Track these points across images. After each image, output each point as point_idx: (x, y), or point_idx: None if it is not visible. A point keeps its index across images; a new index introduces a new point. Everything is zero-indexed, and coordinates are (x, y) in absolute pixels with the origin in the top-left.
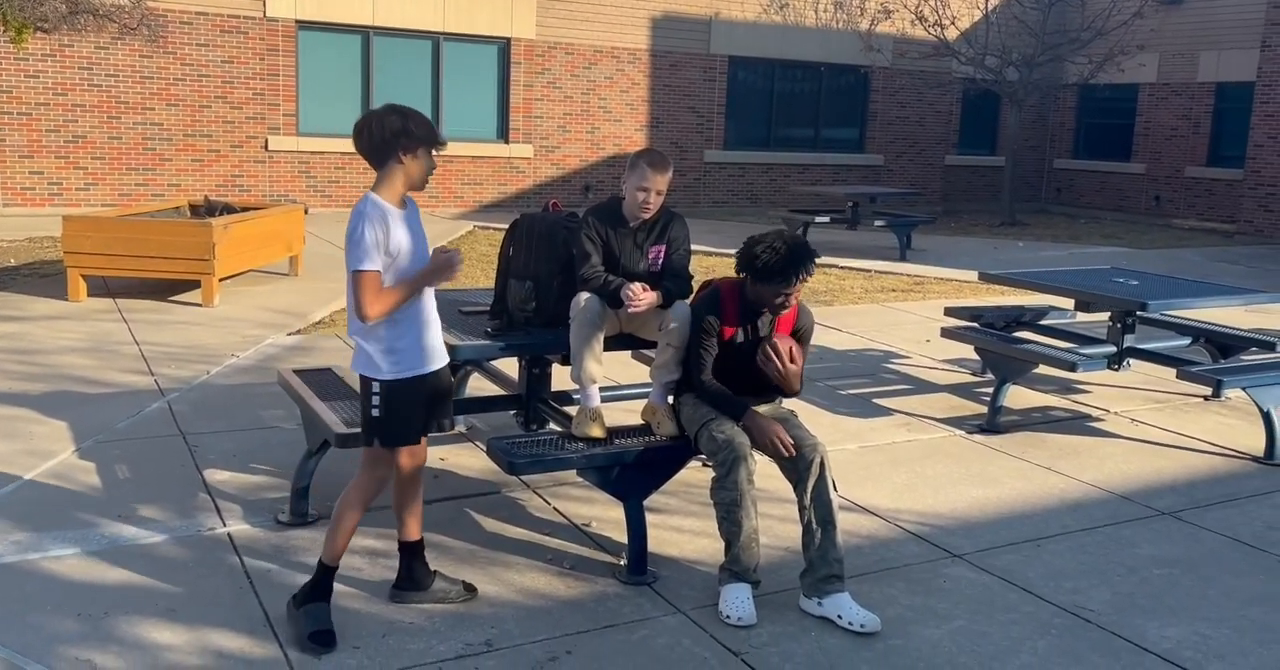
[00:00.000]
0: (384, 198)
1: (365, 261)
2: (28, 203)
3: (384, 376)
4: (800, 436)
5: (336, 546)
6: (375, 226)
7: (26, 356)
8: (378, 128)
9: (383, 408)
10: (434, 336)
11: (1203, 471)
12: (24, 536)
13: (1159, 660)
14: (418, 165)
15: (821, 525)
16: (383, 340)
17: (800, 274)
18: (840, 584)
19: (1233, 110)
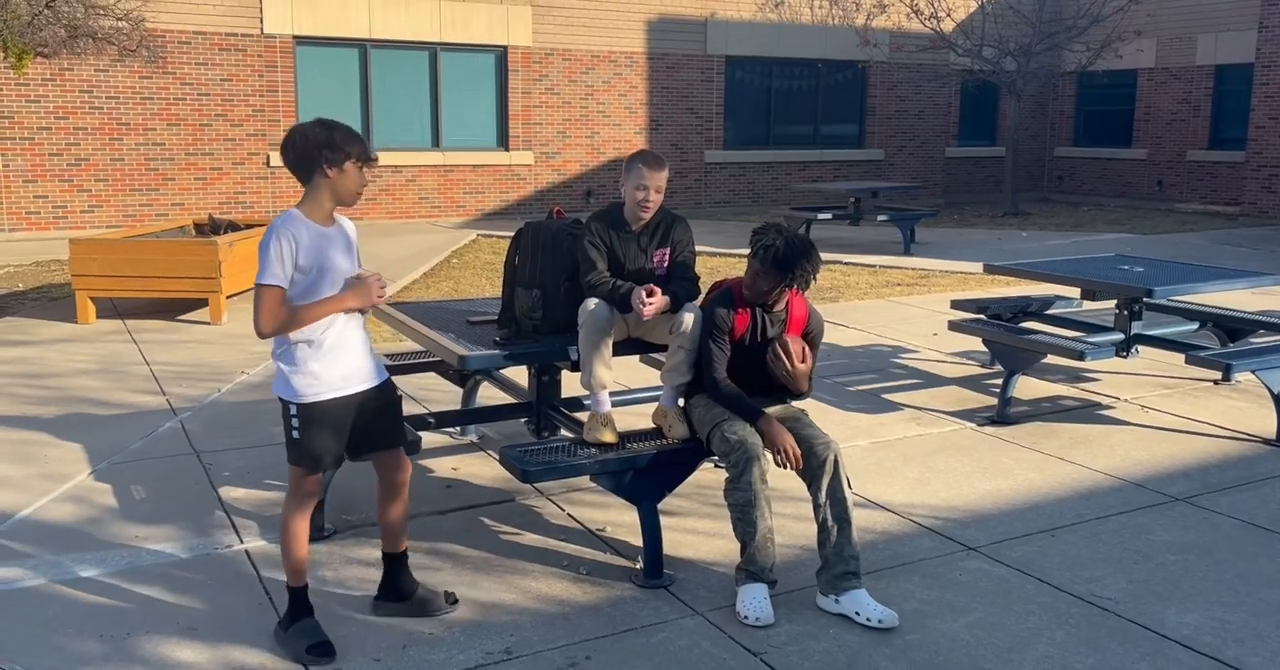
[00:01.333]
0: (307, 214)
1: (266, 275)
2: (33, 227)
3: (298, 399)
4: (812, 435)
5: (294, 566)
6: (284, 241)
7: (38, 380)
8: (301, 141)
9: (301, 429)
10: (356, 358)
11: (1215, 456)
12: (44, 560)
13: (1178, 646)
14: (344, 180)
15: (837, 522)
16: (297, 363)
17: (799, 269)
18: (857, 581)
19: (1233, 92)
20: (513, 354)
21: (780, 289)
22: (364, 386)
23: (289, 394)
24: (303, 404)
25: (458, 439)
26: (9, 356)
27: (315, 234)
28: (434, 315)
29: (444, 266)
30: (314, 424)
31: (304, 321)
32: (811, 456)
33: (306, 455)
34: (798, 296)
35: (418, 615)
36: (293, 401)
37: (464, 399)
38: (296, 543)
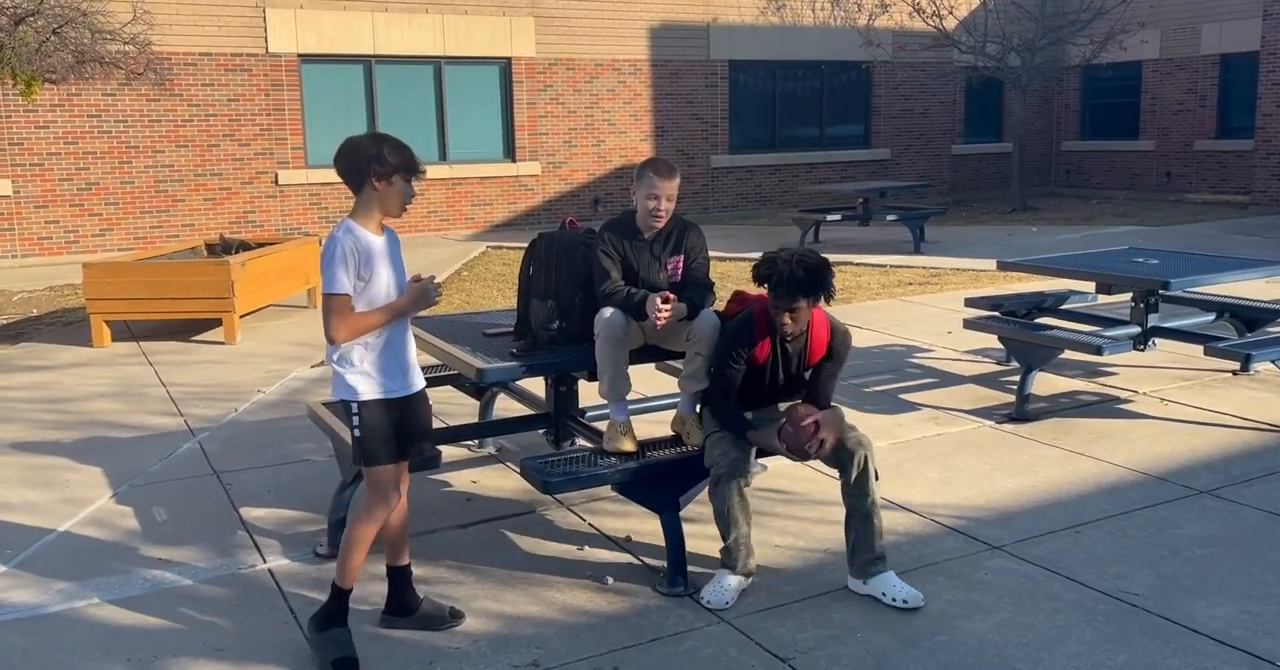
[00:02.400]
0: (360, 224)
1: (334, 285)
2: (45, 252)
3: (361, 398)
4: (844, 431)
5: (352, 567)
6: (347, 251)
7: (56, 404)
8: (351, 154)
9: (362, 428)
10: (410, 361)
11: (1237, 447)
12: (68, 585)
13: (1208, 641)
14: (393, 193)
15: (864, 515)
16: (358, 364)
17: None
18: (883, 564)
19: (1239, 81)
20: (530, 365)
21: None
22: (414, 389)
23: (349, 394)
24: (362, 401)
25: (476, 452)
26: (27, 381)
27: (369, 242)
28: (449, 328)
29: (455, 279)
30: (374, 421)
31: (373, 328)
32: (843, 450)
33: (372, 451)
34: (818, 312)
35: (423, 629)
36: (353, 400)
37: (481, 411)
38: (363, 546)
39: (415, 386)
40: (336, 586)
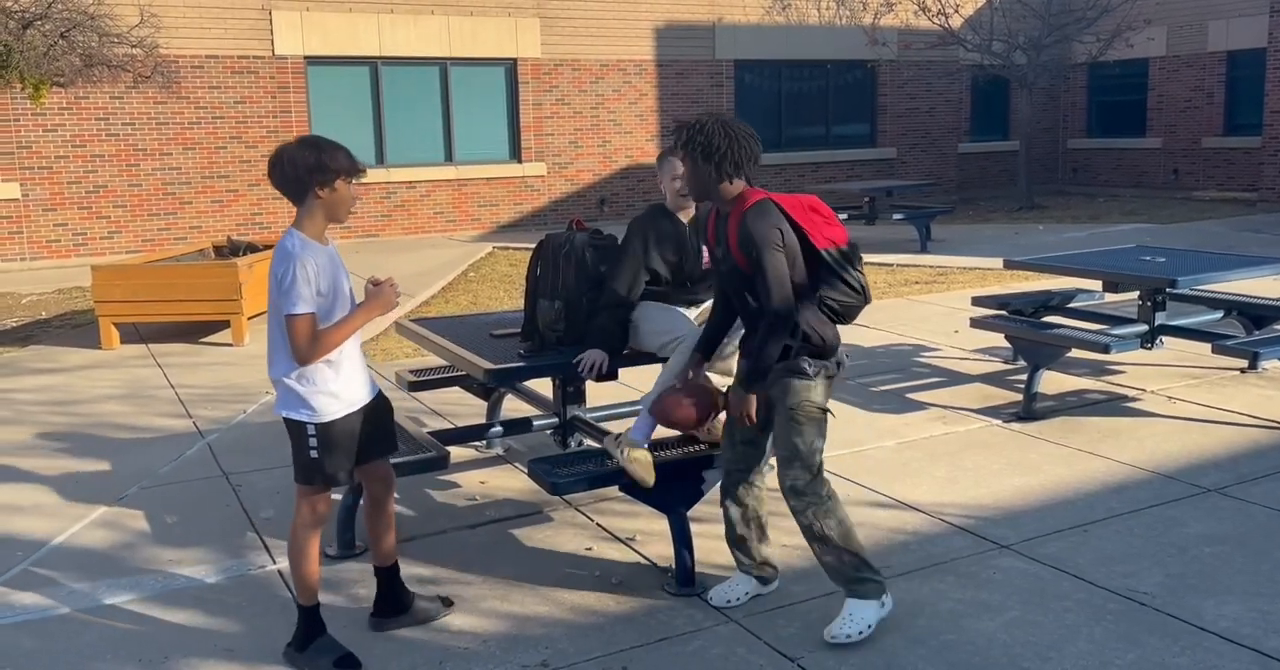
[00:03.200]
0: (308, 234)
1: (300, 304)
2: (54, 255)
3: (320, 419)
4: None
5: (308, 586)
6: (308, 267)
7: (66, 407)
8: (289, 165)
9: (320, 448)
10: (360, 370)
11: (1245, 446)
12: (79, 586)
13: (1218, 639)
14: (338, 199)
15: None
16: (320, 382)
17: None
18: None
19: (1246, 78)
20: (538, 366)
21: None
22: (369, 397)
23: (307, 414)
24: (323, 423)
25: (484, 452)
26: (37, 384)
27: (319, 254)
28: (456, 329)
29: (461, 280)
30: (334, 442)
31: (342, 340)
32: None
33: (323, 475)
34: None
35: (420, 623)
36: (311, 422)
37: (488, 412)
38: (310, 563)
39: (371, 395)
40: (301, 606)
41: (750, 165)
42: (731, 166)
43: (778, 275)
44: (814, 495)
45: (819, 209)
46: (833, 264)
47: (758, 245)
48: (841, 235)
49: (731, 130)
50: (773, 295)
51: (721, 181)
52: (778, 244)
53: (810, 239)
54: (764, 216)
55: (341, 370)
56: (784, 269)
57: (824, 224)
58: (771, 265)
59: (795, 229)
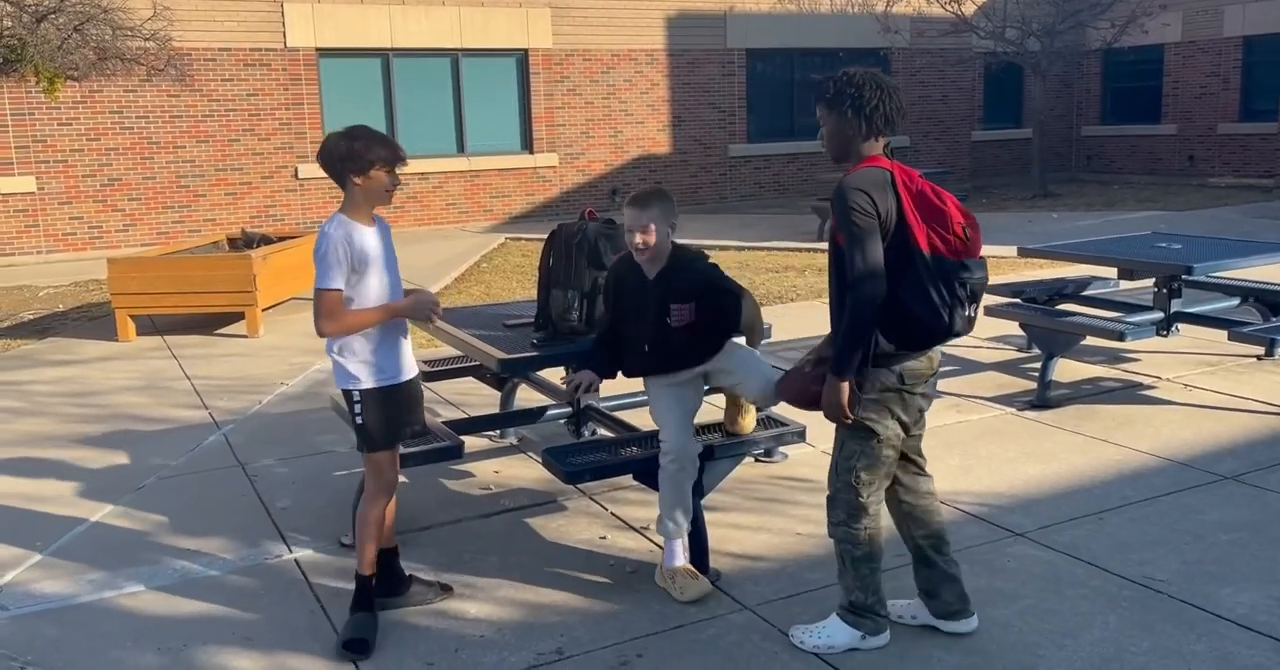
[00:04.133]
0: (350, 216)
1: (327, 280)
2: (70, 248)
3: (362, 385)
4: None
5: (369, 554)
6: (338, 245)
7: (83, 399)
8: (326, 155)
9: (365, 415)
10: (406, 349)
11: (1262, 433)
12: (98, 576)
13: (1234, 626)
14: (372, 185)
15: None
16: (359, 353)
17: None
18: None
19: (1263, 63)
20: (551, 355)
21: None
22: (409, 376)
23: (350, 382)
24: (364, 390)
25: (498, 442)
26: (54, 376)
27: (361, 235)
28: (469, 320)
29: (474, 271)
30: (376, 408)
31: (363, 326)
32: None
33: (374, 437)
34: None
35: (415, 606)
36: (354, 389)
37: (502, 402)
38: (374, 530)
39: (412, 373)
40: (359, 575)
41: (899, 119)
42: (883, 120)
43: (863, 241)
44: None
45: (935, 204)
46: (922, 271)
47: (845, 206)
48: (955, 246)
49: (882, 81)
50: (855, 261)
51: (868, 139)
52: (865, 210)
53: (909, 231)
54: (864, 178)
55: (379, 345)
56: (871, 235)
57: (934, 223)
58: (857, 229)
59: (899, 213)
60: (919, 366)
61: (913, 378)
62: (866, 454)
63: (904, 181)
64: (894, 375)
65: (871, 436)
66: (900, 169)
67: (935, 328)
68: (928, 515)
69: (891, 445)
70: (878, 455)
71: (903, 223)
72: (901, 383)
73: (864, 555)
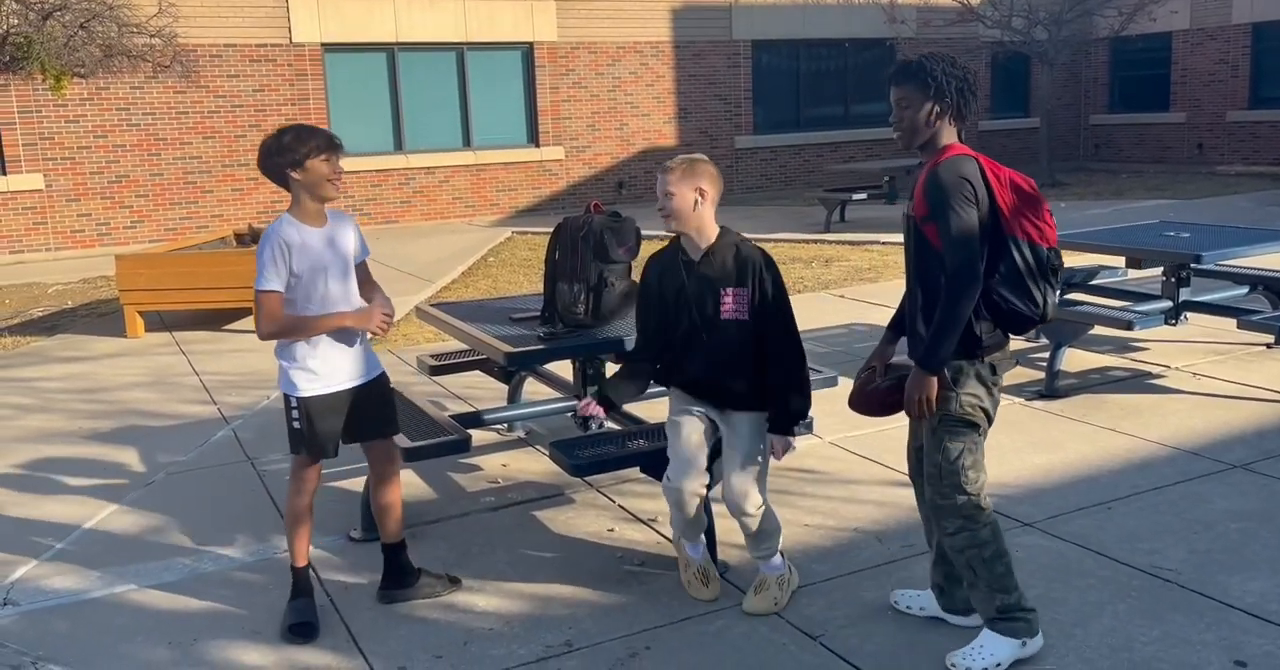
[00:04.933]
0: (296, 216)
1: (262, 282)
2: (78, 245)
3: (299, 393)
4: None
5: (299, 547)
6: (277, 248)
7: (93, 395)
8: (262, 155)
9: (302, 420)
10: (350, 356)
11: (1272, 421)
12: (108, 571)
13: (1244, 615)
14: (313, 177)
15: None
16: (296, 359)
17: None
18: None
19: (1272, 50)
20: (557, 349)
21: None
22: (357, 382)
23: (289, 388)
24: (302, 398)
25: (505, 435)
26: (64, 372)
27: (306, 236)
28: (476, 313)
29: (481, 265)
30: (313, 417)
31: (304, 333)
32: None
33: (306, 445)
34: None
35: (424, 599)
36: (293, 395)
37: (510, 395)
38: (301, 525)
39: (363, 378)
40: (293, 567)
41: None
42: (965, 107)
43: (964, 229)
44: (962, 520)
45: (1028, 192)
46: (1018, 260)
47: (945, 193)
48: (1047, 233)
49: (965, 68)
50: (956, 249)
51: (945, 124)
52: (968, 197)
53: (1003, 220)
54: (959, 166)
55: (320, 350)
56: (973, 224)
57: (1028, 210)
58: (957, 217)
59: (992, 202)
60: (1004, 355)
61: (1001, 367)
62: (971, 450)
63: (992, 170)
64: (987, 366)
65: (973, 430)
66: (984, 157)
67: (1032, 315)
68: None
69: (985, 437)
70: (980, 448)
71: (996, 212)
72: (993, 373)
73: (994, 553)
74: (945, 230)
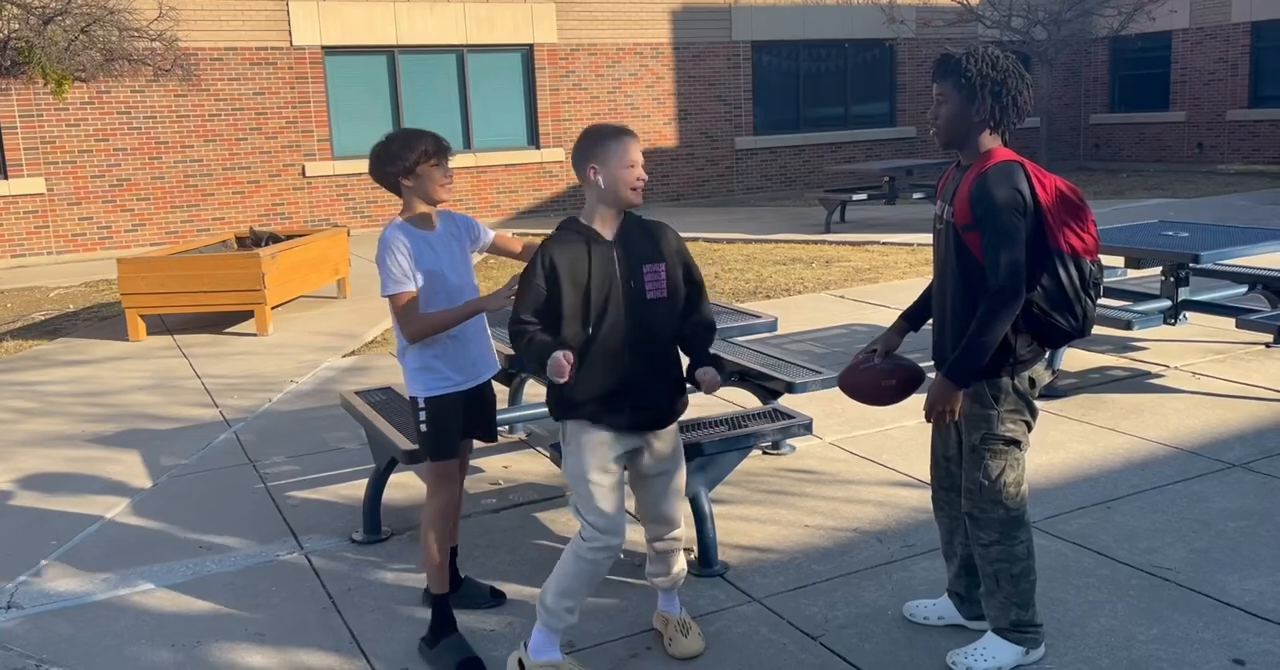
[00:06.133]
0: (407, 220)
1: (392, 286)
2: (79, 248)
3: (425, 394)
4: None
5: (436, 573)
6: (396, 251)
7: (95, 398)
8: (373, 162)
9: (429, 423)
10: (475, 352)
11: (1271, 420)
12: (112, 574)
13: (1242, 614)
14: (422, 182)
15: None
16: (419, 358)
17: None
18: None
19: (1271, 49)
20: None
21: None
22: (480, 380)
23: (415, 389)
24: (430, 398)
25: (507, 437)
26: (66, 376)
27: (418, 239)
28: None
29: (482, 266)
30: (440, 417)
31: (441, 327)
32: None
33: (435, 448)
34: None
35: (464, 608)
36: (419, 396)
37: (510, 397)
38: (440, 544)
39: (482, 377)
40: (432, 595)
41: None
42: (1016, 113)
43: (1012, 245)
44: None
45: (1075, 201)
46: (1062, 276)
47: (995, 203)
48: (1090, 245)
49: (1024, 71)
50: (1000, 263)
51: (995, 130)
52: (1018, 211)
53: (1048, 233)
54: (1011, 176)
55: (443, 350)
56: (1021, 240)
57: (1073, 222)
58: (1005, 228)
59: (1037, 211)
60: (1041, 367)
61: (1038, 380)
62: (1013, 466)
63: (1038, 177)
64: (1025, 381)
65: (1014, 446)
66: (1030, 163)
67: (1072, 330)
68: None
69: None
70: (1021, 464)
71: (1041, 221)
72: (1031, 387)
73: (1023, 571)
74: (992, 244)
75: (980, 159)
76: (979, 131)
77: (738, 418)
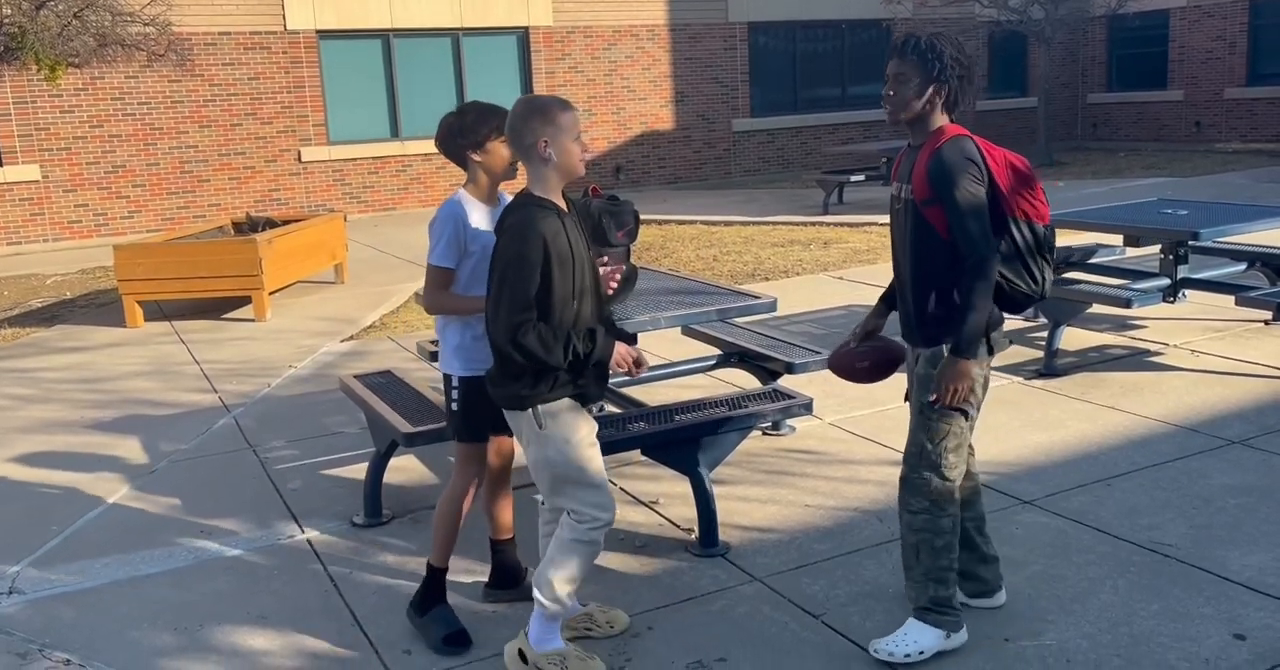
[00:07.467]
0: (471, 194)
1: (434, 256)
2: (75, 235)
3: (458, 372)
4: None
5: (446, 544)
6: (452, 224)
7: (94, 384)
8: (443, 133)
9: (460, 402)
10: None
11: (1269, 397)
12: (113, 559)
13: (1242, 589)
14: (491, 159)
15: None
16: (455, 337)
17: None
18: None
19: (1270, 26)
20: None
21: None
22: None
23: (450, 367)
24: (463, 377)
25: None
26: (65, 363)
27: (479, 215)
28: None
29: None
30: (472, 397)
31: (462, 311)
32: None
33: (463, 428)
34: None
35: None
36: (454, 375)
37: None
38: (450, 521)
39: None
40: (430, 566)
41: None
42: (961, 94)
43: (976, 208)
44: (928, 503)
45: (1024, 171)
46: (1018, 239)
47: (952, 174)
48: (1043, 211)
49: (968, 56)
50: (971, 230)
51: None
52: (975, 177)
53: (1002, 200)
54: (965, 148)
55: (478, 332)
56: (984, 203)
57: (1024, 189)
58: (967, 198)
59: (991, 183)
60: (1000, 335)
61: (998, 346)
62: (956, 434)
63: (988, 150)
64: (984, 347)
65: (960, 415)
66: (979, 138)
67: (1032, 293)
68: (975, 496)
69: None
70: (965, 435)
71: (996, 192)
72: (989, 354)
73: (945, 545)
74: (957, 212)
75: (933, 136)
76: (933, 112)
77: (738, 398)
